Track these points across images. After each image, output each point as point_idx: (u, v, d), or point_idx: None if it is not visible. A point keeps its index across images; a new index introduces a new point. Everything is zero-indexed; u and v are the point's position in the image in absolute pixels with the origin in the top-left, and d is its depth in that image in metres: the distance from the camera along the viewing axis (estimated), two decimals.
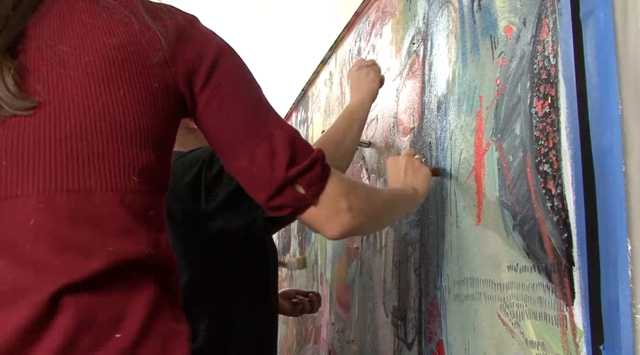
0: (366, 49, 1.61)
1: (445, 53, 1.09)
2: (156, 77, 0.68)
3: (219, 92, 0.71)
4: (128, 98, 0.66)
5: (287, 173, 0.71)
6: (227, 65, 0.73)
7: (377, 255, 1.39)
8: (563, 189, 0.72)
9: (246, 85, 0.75)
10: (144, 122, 0.67)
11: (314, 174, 0.73)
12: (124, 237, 0.65)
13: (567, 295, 0.70)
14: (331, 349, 1.73)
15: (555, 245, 0.73)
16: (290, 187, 0.72)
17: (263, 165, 0.72)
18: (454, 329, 0.98)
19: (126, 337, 0.62)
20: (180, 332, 0.67)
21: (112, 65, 0.65)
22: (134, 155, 0.66)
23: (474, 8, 0.99)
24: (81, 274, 0.61)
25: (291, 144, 0.73)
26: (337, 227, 0.76)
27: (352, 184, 0.79)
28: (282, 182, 0.71)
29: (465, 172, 0.98)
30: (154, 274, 0.67)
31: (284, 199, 0.72)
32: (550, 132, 0.75)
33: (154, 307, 0.65)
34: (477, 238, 0.92)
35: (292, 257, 2.40)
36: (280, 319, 2.59)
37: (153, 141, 0.68)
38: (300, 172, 0.72)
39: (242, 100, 0.73)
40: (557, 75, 0.75)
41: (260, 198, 0.74)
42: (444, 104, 1.09)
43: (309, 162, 0.73)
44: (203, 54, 0.71)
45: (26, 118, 0.63)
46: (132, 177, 0.66)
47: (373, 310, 1.39)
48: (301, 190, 0.73)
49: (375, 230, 1.36)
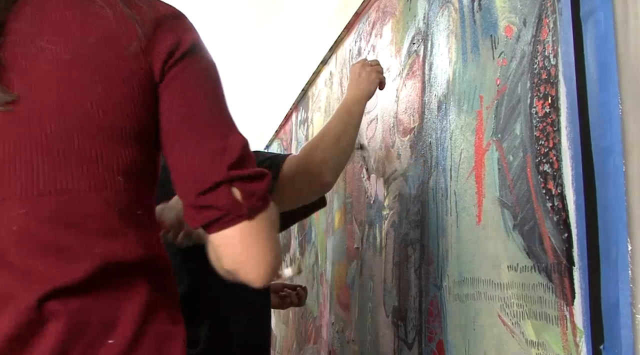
0: (366, 49, 1.61)
1: (446, 53, 1.09)
2: (133, 68, 0.66)
3: (184, 75, 0.68)
4: (107, 95, 0.64)
5: (229, 172, 0.65)
6: (199, 59, 0.70)
7: (377, 255, 1.39)
8: (563, 189, 0.72)
9: (213, 83, 0.71)
10: (125, 118, 0.65)
11: (258, 186, 0.66)
12: (111, 238, 0.64)
13: (567, 295, 0.70)
14: (331, 349, 1.74)
15: (555, 245, 0.73)
16: (227, 187, 0.65)
17: (206, 158, 0.66)
18: (454, 329, 0.98)
19: (119, 342, 0.61)
20: (175, 334, 0.66)
21: (89, 62, 0.64)
22: (118, 153, 0.65)
23: (474, 8, 0.99)
24: (69, 279, 0.60)
25: (244, 150, 0.67)
26: (262, 268, 0.67)
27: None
28: (220, 179, 0.64)
29: (465, 172, 0.98)
30: (147, 274, 0.66)
31: (217, 198, 0.64)
32: (550, 132, 0.75)
33: (148, 309, 0.64)
34: (477, 238, 0.92)
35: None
36: (280, 319, 2.60)
37: (137, 137, 0.66)
38: (243, 176, 0.65)
39: (206, 93, 0.69)
40: (557, 75, 0.75)
41: (190, 191, 0.66)
42: (444, 104, 1.09)
43: (258, 172, 0.67)
44: (180, 42, 0.68)
45: (5, 115, 0.62)
46: (117, 177, 0.64)
47: (373, 310, 1.39)
48: (238, 196, 0.65)
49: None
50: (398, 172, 1.30)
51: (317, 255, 2.03)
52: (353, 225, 1.61)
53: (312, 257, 2.10)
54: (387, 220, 1.34)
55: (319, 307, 1.92)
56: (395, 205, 1.30)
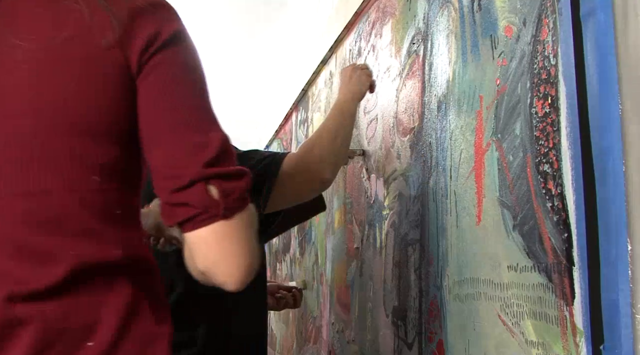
0: (366, 49, 1.61)
1: (445, 53, 1.09)
2: (108, 62, 0.63)
3: (163, 67, 0.65)
4: (81, 92, 0.62)
5: (206, 169, 0.62)
6: (180, 50, 0.67)
7: (377, 255, 1.39)
8: (563, 189, 0.72)
9: (194, 76, 0.68)
10: (101, 115, 0.63)
11: (236, 185, 0.64)
12: (88, 239, 0.62)
13: (567, 295, 0.70)
14: (331, 349, 1.74)
15: (555, 245, 0.73)
16: (203, 185, 0.62)
17: (183, 154, 0.63)
18: (454, 329, 0.98)
19: (99, 344, 0.59)
20: (160, 335, 0.64)
21: (62, 59, 0.62)
22: (94, 151, 0.63)
23: (474, 8, 0.99)
24: (43, 283, 0.58)
25: (223, 147, 0.65)
26: (237, 270, 0.65)
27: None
28: (195, 176, 0.62)
29: (465, 172, 0.98)
30: (128, 274, 0.64)
31: (191, 196, 0.62)
32: (550, 132, 0.75)
33: (130, 310, 0.63)
34: (477, 238, 0.92)
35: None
36: (280, 319, 2.60)
37: (116, 135, 0.64)
38: (220, 174, 0.63)
39: (185, 86, 0.66)
40: (557, 75, 0.75)
41: (165, 188, 0.64)
42: (444, 104, 1.09)
43: (237, 170, 0.65)
44: (160, 32, 0.65)
45: None
46: (93, 177, 0.62)
47: (373, 310, 1.39)
48: (214, 194, 0.62)
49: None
50: (398, 172, 1.30)
51: (317, 255, 2.03)
52: (353, 225, 1.61)
53: (312, 257, 2.09)
54: (387, 220, 1.34)
55: (319, 307, 1.92)
56: (395, 205, 1.30)
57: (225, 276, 0.64)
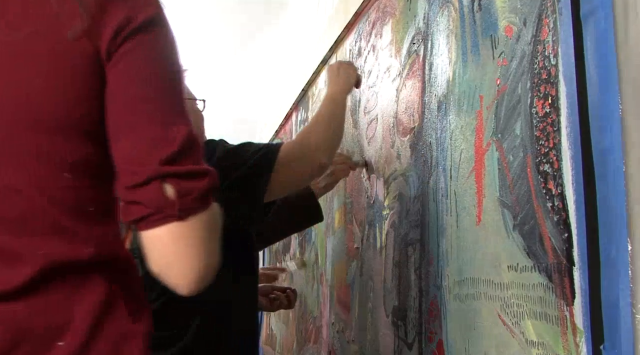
0: (366, 49, 1.61)
1: (446, 53, 1.09)
2: (76, 53, 0.60)
3: (132, 55, 0.62)
4: (48, 85, 0.60)
5: (162, 166, 0.59)
6: (153, 37, 0.64)
7: (377, 255, 1.39)
8: (563, 189, 0.72)
9: (165, 65, 0.65)
10: (70, 110, 0.61)
11: (196, 185, 0.61)
12: (58, 238, 0.60)
13: (567, 295, 0.70)
14: (331, 349, 1.74)
15: (555, 245, 0.73)
16: (158, 183, 0.59)
17: (140, 148, 0.60)
18: (454, 329, 0.98)
19: (70, 344, 0.58)
20: (135, 333, 0.63)
21: (28, 52, 0.60)
22: (64, 148, 0.60)
23: (474, 8, 0.99)
24: (10, 284, 0.57)
25: (186, 143, 0.61)
26: (190, 274, 0.62)
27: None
28: (151, 173, 0.59)
29: (465, 172, 0.98)
30: (102, 272, 0.62)
31: (145, 195, 0.59)
32: (550, 132, 0.75)
33: (104, 309, 0.61)
34: (477, 238, 0.92)
35: (290, 259, 2.40)
36: (280, 319, 2.60)
37: (88, 130, 0.62)
38: (179, 173, 0.60)
39: (154, 75, 0.63)
40: (557, 75, 0.75)
41: (121, 184, 0.61)
42: (444, 104, 1.09)
43: (198, 170, 0.61)
44: (131, 18, 0.62)
45: None
46: (63, 173, 0.60)
47: (373, 310, 1.39)
48: (171, 194, 0.59)
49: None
50: (398, 172, 1.30)
51: (317, 255, 2.03)
52: (353, 225, 1.61)
53: (312, 257, 2.10)
54: (387, 220, 1.34)
55: (319, 307, 1.92)
56: (395, 205, 1.30)
57: (179, 279, 0.62)
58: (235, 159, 1.15)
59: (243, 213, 1.19)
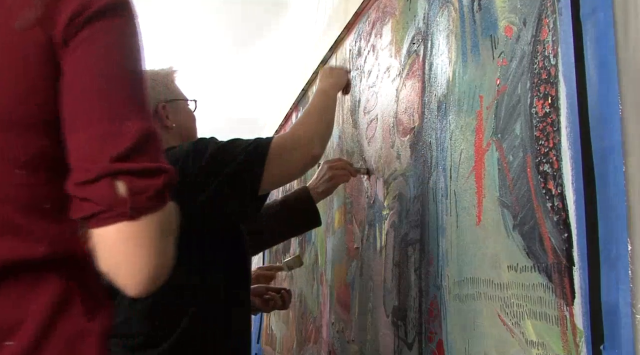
0: (366, 48, 1.61)
1: (446, 53, 1.09)
2: (28, 44, 0.58)
3: (87, 44, 0.59)
4: (1, 80, 0.58)
5: (114, 163, 0.57)
6: (111, 25, 0.61)
7: (377, 255, 1.39)
8: (563, 189, 0.72)
9: (122, 55, 0.62)
10: (22, 104, 0.58)
11: (150, 183, 0.58)
12: (11, 237, 0.58)
13: (567, 295, 0.70)
14: (331, 349, 1.74)
15: (555, 245, 0.73)
16: (109, 181, 0.57)
17: (91, 144, 0.58)
18: (454, 329, 0.98)
19: (20, 343, 0.57)
20: (91, 331, 0.61)
21: None
22: (16, 144, 0.58)
23: (474, 8, 0.99)
24: None
25: (141, 139, 0.59)
26: (139, 275, 0.59)
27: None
28: (101, 170, 0.57)
29: (465, 172, 0.98)
30: (60, 270, 0.61)
31: (95, 192, 0.57)
32: (550, 132, 0.75)
33: (59, 307, 0.60)
34: (477, 238, 0.92)
35: (287, 257, 2.40)
36: (280, 319, 2.60)
37: (44, 123, 0.60)
38: (132, 170, 0.58)
39: (110, 66, 0.60)
40: (557, 75, 0.75)
41: (71, 179, 0.59)
42: (444, 104, 1.09)
43: (152, 167, 0.59)
44: (88, 5, 0.59)
45: None
46: (16, 170, 0.58)
47: (373, 310, 1.39)
48: (122, 192, 0.57)
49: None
50: (398, 172, 1.30)
51: (317, 255, 2.03)
52: (353, 225, 1.61)
53: (312, 257, 2.10)
54: (387, 220, 1.34)
55: (319, 307, 1.92)
56: (395, 205, 1.30)
57: (127, 279, 0.60)
58: (226, 156, 1.16)
59: (235, 209, 1.19)
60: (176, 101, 1.34)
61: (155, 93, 1.31)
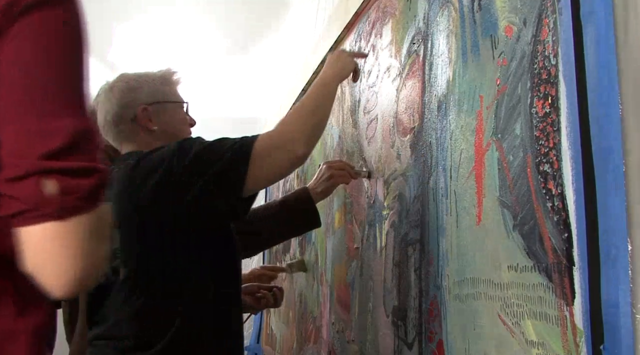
0: (366, 48, 1.61)
1: (446, 53, 1.09)
2: None
3: (22, 35, 0.57)
4: None
5: (43, 161, 0.55)
6: (49, 16, 0.58)
7: (377, 255, 1.39)
8: (563, 189, 0.72)
9: (59, 47, 0.59)
10: None
11: (81, 183, 0.56)
12: None
13: (567, 295, 0.70)
14: (331, 349, 1.73)
15: (555, 245, 0.73)
16: (37, 179, 0.55)
17: (25, 141, 0.56)
18: (454, 329, 0.98)
19: None
20: (18, 331, 0.59)
21: None
22: None
23: (474, 8, 0.99)
24: None
25: (76, 136, 0.57)
26: (64, 277, 0.57)
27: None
28: (30, 167, 0.55)
29: (465, 172, 0.98)
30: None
31: (22, 190, 0.55)
32: (550, 132, 0.75)
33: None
34: (477, 238, 0.92)
35: (290, 259, 2.40)
36: (280, 318, 2.60)
37: None
38: (63, 169, 0.55)
39: (46, 60, 0.58)
40: (557, 75, 0.75)
41: (2, 175, 0.57)
42: (444, 104, 1.09)
43: (86, 166, 0.57)
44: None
45: None
46: None
47: (373, 310, 1.39)
48: (52, 191, 0.55)
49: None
50: (398, 172, 1.30)
51: (317, 255, 2.03)
52: (353, 225, 1.61)
53: (312, 257, 2.10)
54: (387, 220, 1.34)
55: (319, 307, 1.92)
56: (395, 205, 1.30)
57: (52, 280, 0.58)
58: (211, 155, 1.15)
59: (222, 208, 1.18)
60: (162, 103, 1.31)
61: (136, 95, 1.29)
